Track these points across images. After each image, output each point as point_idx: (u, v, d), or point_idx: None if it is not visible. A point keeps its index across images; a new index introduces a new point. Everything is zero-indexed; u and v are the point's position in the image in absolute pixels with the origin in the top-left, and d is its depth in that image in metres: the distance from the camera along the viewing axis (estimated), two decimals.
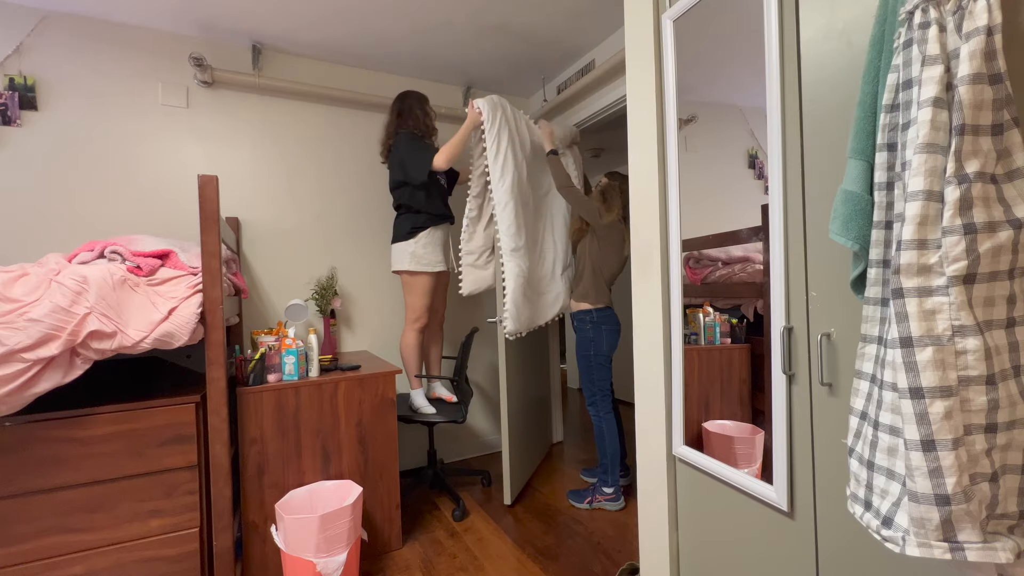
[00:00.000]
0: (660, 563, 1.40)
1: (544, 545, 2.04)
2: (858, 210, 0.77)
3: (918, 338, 0.64)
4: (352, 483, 1.82)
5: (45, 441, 1.40)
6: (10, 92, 2.00)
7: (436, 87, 2.94)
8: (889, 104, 0.72)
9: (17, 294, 1.31)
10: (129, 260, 1.53)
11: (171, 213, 2.25)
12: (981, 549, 0.63)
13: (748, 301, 1.20)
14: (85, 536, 1.44)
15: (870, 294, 0.76)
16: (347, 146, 2.69)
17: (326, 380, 1.86)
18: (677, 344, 1.32)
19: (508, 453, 2.34)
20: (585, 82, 2.48)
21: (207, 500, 1.62)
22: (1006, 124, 0.65)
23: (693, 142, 1.30)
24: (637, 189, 1.45)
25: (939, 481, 0.62)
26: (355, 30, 2.33)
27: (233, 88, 2.40)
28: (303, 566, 1.56)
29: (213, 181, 1.54)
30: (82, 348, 1.35)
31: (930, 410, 0.63)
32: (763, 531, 1.11)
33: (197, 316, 1.50)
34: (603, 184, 2.46)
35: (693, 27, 1.27)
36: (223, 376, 1.56)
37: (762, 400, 1.11)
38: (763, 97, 1.05)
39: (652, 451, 1.42)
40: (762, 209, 1.12)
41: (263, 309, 2.46)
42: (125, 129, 2.19)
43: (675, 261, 1.32)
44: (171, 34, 2.28)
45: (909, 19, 0.69)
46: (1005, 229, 0.64)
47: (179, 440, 1.54)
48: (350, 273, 2.67)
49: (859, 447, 0.77)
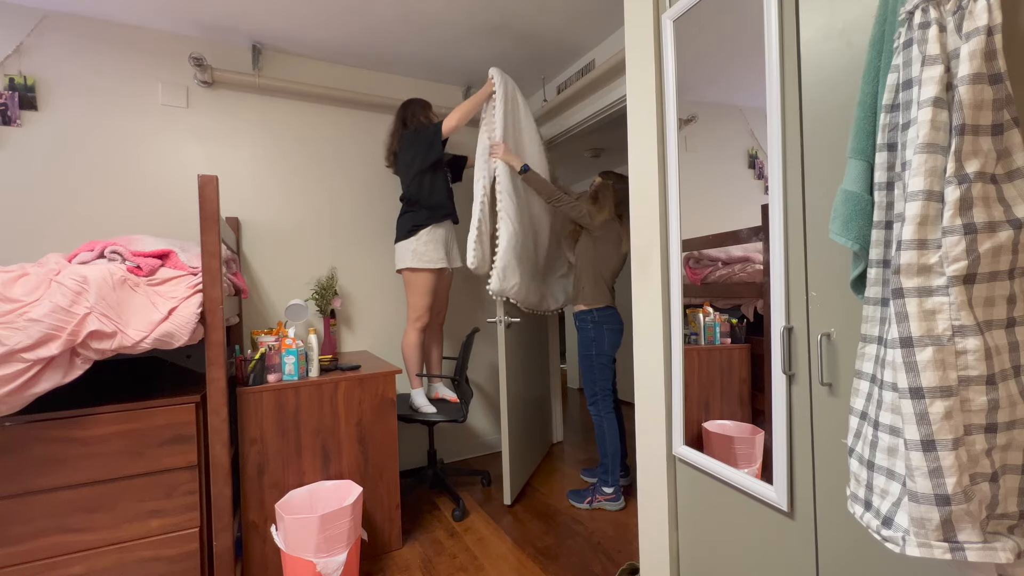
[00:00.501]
0: (660, 563, 1.40)
1: (544, 545, 2.04)
2: (858, 210, 0.77)
3: (918, 338, 0.64)
4: (352, 483, 1.82)
5: (45, 441, 1.40)
6: (10, 92, 2.00)
7: (436, 87, 2.94)
8: (889, 104, 0.72)
9: (17, 294, 1.31)
10: (129, 260, 1.53)
11: (171, 213, 2.25)
12: (981, 549, 0.63)
13: (748, 301, 1.20)
14: (85, 536, 1.44)
15: (870, 294, 0.76)
16: (347, 146, 2.69)
17: (326, 380, 1.86)
18: (677, 344, 1.32)
19: (508, 453, 2.34)
20: (585, 82, 2.48)
21: (207, 500, 1.62)
22: (1006, 124, 0.65)
23: (693, 142, 1.30)
24: (637, 189, 1.45)
25: (939, 481, 0.62)
26: (355, 30, 2.33)
27: (233, 88, 2.40)
28: (303, 566, 1.56)
29: (213, 181, 1.54)
30: (82, 348, 1.35)
31: (930, 410, 0.63)
32: (763, 531, 1.11)
33: (197, 316, 1.50)
34: (596, 184, 2.46)
35: (693, 27, 1.27)
36: (223, 376, 1.56)
37: (762, 400, 1.11)
38: (763, 97, 1.05)
39: (652, 451, 1.42)
40: (762, 209, 1.12)
41: (263, 309, 2.46)
42: (125, 129, 2.19)
43: (675, 261, 1.32)
44: (171, 34, 2.28)
45: (909, 19, 0.69)
46: (1005, 229, 0.64)
47: (179, 440, 1.54)
48: (350, 273, 2.67)
49: (859, 447, 0.77)
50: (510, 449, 2.36)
